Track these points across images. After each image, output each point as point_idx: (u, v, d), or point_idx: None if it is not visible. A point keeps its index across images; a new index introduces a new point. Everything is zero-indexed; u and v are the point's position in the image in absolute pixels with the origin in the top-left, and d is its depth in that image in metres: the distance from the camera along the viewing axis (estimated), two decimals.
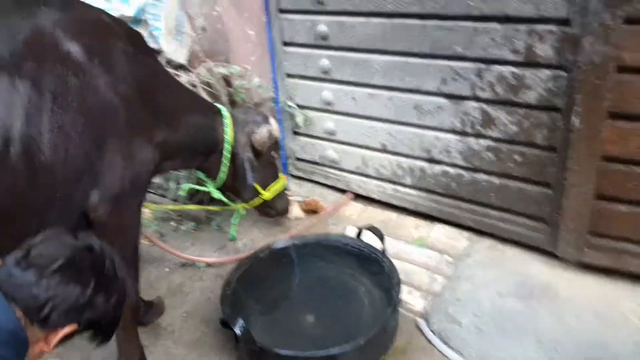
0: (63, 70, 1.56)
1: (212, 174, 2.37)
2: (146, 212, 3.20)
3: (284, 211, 2.74)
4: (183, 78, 3.14)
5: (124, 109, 1.72)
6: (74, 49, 1.60)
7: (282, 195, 2.64)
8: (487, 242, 2.72)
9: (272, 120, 2.44)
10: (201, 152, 2.27)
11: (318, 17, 2.87)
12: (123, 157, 1.74)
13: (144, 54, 1.97)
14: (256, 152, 2.34)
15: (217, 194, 2.43)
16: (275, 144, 2.50)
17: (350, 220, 3.06)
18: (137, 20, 3.17)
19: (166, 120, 1.99)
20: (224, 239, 3.04)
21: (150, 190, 3.14)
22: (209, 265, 2.82)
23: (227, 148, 2.26)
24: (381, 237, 2.44)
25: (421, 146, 2.79)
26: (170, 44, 3.20)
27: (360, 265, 2.40)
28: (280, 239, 2.64)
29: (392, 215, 3.08)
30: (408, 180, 2.95)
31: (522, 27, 2.19)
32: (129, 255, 1.89)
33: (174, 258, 2.85)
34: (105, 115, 1.67)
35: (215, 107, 2.34)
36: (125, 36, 1.85)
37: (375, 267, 2.31)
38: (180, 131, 2.06)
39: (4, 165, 1.44)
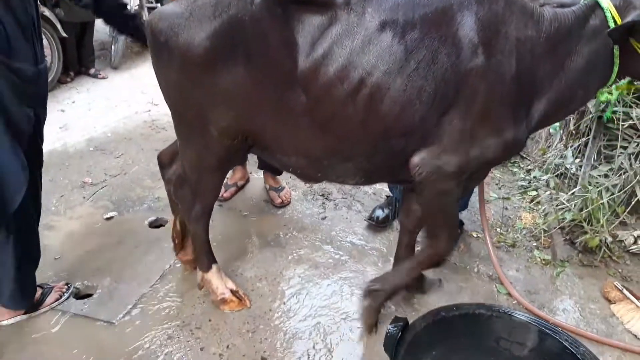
0: (442, 45, 1.68)
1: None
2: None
3: None
4: None
5: (484, 93, 1.71)
6: (466, 29, 1.68)
7: None
8: None
9: None
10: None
11: None
12: (461, 136, 1.76)
13: (548, 41, 1.80)
14: None
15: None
16: None
17: None
18: None
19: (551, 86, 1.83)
20: None
21: None
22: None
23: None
24: None
25: None
26: None
27: None
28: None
29: None
30: None
31: None
32: (438, 215, 1.99)
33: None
34: (460, 94, 1.71)
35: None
36: (528, 24, 1.76)
37: None
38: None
39: (354, 103, 1.72)
